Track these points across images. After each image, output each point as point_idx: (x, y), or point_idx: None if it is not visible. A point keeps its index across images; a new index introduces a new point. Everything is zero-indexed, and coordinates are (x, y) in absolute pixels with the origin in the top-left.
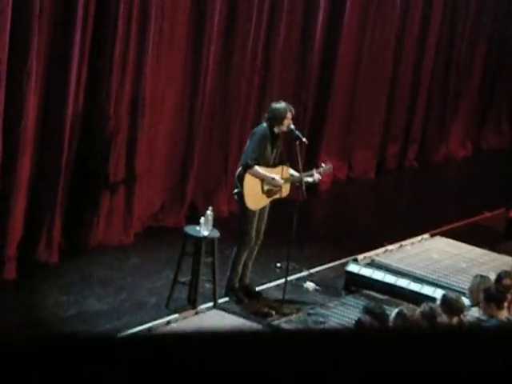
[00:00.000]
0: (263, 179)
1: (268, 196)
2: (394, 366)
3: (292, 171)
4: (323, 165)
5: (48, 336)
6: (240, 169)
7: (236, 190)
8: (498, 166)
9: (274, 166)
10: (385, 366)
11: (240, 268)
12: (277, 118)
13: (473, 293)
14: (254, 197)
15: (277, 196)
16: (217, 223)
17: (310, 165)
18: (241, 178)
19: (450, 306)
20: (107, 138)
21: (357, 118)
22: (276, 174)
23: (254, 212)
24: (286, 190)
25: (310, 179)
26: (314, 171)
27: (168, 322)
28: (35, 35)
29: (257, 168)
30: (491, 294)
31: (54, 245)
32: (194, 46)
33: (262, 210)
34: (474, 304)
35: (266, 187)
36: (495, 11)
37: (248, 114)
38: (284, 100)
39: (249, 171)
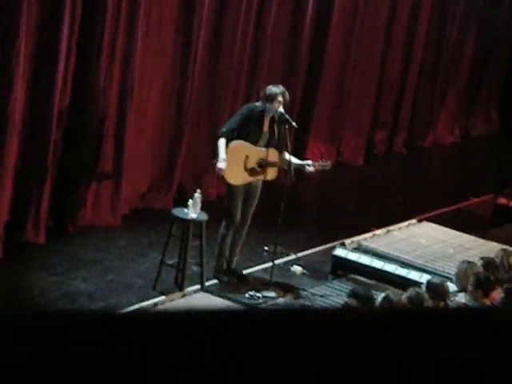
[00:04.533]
0: (248, 155)
1: (250, 175)
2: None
3: (286, 155)
4: (321, 161)
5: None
6: None
7: (215, 161)
8: (486, 153)
9: (265, 146)
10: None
11: (227, 249)
12: (267, 97)
13: (459, 278)
14: (234, 171)
15: (260, 177)
16: (205, 206)
17: (298, 149)
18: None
19: (435, 291)
20: (96, 121)
21: (346, 104)
22: (259, 155)
23: (236, 189)
24: (271, 174)
25: (301, 167)
26: (310, 163)
27: (155, 304)
28: (23, 21)
29: (221, 141)
30: (480, 280)
31: (42, 225)
32: (184, 29)
33: (250, 193)
34: (461, 290)
35: (249, 165)
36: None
37: (237, 98)
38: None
39: (218, 141)
